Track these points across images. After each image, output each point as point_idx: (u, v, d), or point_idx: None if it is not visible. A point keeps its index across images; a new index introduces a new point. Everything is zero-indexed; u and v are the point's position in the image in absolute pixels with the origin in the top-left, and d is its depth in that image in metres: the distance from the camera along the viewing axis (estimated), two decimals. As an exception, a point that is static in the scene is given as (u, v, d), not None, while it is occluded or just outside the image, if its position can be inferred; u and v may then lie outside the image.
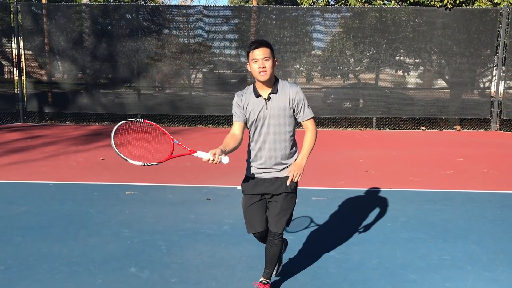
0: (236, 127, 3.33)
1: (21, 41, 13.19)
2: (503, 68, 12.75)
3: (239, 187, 3.53)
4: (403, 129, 13.27)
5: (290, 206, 3.41)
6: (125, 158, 3.24)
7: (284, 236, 3.54)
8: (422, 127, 13.38)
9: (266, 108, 3.26)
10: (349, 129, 13.27)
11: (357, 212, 5.53)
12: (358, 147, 10.22)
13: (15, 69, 13.64)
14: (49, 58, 13.65)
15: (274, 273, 3.61)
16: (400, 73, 14.09)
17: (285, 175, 3.33)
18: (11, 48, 13.67)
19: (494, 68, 13.13)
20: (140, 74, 13.47)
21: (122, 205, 5.71)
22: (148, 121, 3.48)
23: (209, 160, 3.01)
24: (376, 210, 5.61)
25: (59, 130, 12.05)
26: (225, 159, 3.06)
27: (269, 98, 3.27)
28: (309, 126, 3.40)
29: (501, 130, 13.01)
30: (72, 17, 14.01)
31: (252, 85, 3.37)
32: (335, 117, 13.65)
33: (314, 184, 6.80)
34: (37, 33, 13.57)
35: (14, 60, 13.42)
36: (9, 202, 5.75)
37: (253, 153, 3.36)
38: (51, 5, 13.75)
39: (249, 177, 3.40)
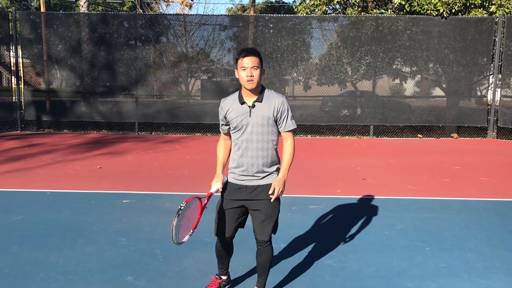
0: (225, 139, 3.52)
1: (20, 49, 13.23)
2: (499, 76, 12.82)
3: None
4: (400, 137, 13.31)
5: (275, 213, 3.40)
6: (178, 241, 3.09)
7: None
8: (419, 135, 13.43)
9: (250, 116, 3.29)
10: (347, 137, 13.30)
11: (354, 220, 5.54)
12: (355, 155, 10.24)
13: (13, 77, 13.66)
14: (47, 66, 13.70)
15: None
16: (397, 81, 14.16)
17: (266, 183, 3.35)
18: (10, 57, 13.70)
19: (491, 76, 13.20)
20: (138, 82, 13.51)
21: (119, 213, 5.71)
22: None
23: (218, 190, 3.35)
24: (373, 218, 5.62)
25: (56, 139, 12.06)
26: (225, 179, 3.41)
27: (253, 106, 3.29)
28: (288, 139, 3.40)
29: (497, 138, 13.06)
30: (71, 25, 14.07)
31: (238, 91, 3.40)
32: (332, 125, 13.69)
33: (311, 192, 6.82)
34: (36, 42, 13.62)
35: (12, 68, 13.45)
36: (6, 211, 5.75)
37: (235, 159, 3.39)
38: (49, 14, 13.82)
39: (229, 183, 3.42)
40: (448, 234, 5.11)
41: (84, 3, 15.37)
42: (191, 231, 3.18)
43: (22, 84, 13.43)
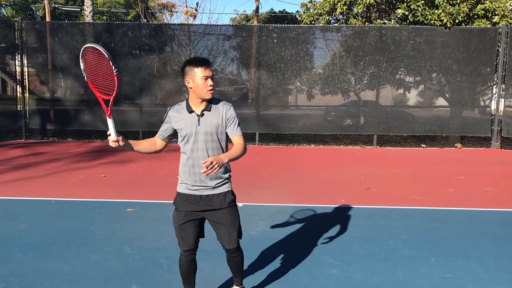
0: (158, 141, 3.48)
1: (25, 58, 13.33)
2: (503, 86, 12.83)
3: (240, 205, 3.54)
4: (404, 146, 13.30)
5: (236, 219, 3.38)
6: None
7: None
8: (422, 145, 13.41)
9: (199, 124, 3.26)
10: (350, 146, 13.30)
11: (358, 230, 5.52)
12: (359, 165, 10.23)
13: (18, 86, 13.75)
14: (52, 75, 13.79)
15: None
16: (400, 91, 14.18)
17: (219, 192, 3.33)
18: (15, 66, 13.80)
19: (494, 86, 13.21)
20: (142, 91, 13.57)
21: (124, 222, 5.71)
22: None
23: (110, 135, 3.20)
24: (377, 228, 5.61)
25: (61, 147, 12.10)
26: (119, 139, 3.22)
27: (202, 115, 3.27)
28: (237, 140, 3.34)
29: (501, 148, 13.03)
30: (75, 35, 14.17)
31: (186, 100, 3.36)
32: (336, 135, 13.70)
33: (314, 202, 6.81)
34: (41, 51, 13.72)
35: (18, 77, 13.54)
36: (11, 219, 5.76)
37: (186, 169, 3.32)
38: (55, 23, 13.92)
39: (182, 194, 3.35)
40: (453, 244, 5.09)
41: (89, 12, 15.50)
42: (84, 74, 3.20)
43: (27, 93, 13.50)
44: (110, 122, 3.20)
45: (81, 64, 3.19)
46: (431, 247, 4.96)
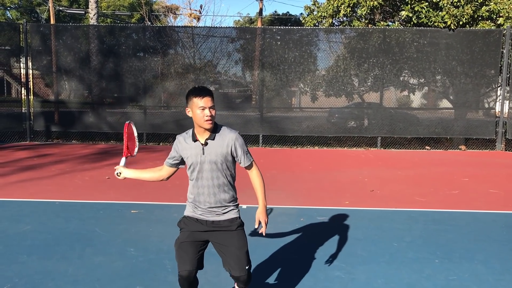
0: (165, 168, 3.51)
1: (29, 61, 13.39)
2: (507, 88, 12.79)
3: (244, 206, 3.54)
4: (408, 148, 13.27)
5: (245, 243, 3.28)
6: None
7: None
8: (427, 147, 13.38)
9: (203, 154, 3.22)
10: (354, 148, 13.28)
11: (362, 232, 5.51)
12: (363, 167, 10.22)
13: (22, 88, 13.81)
14: (56, 77, 13.84)
15: None
16: (404, 93, 14.16)
17: (226, 218, 3.27)
18: (20, 68, 13.87)
19: (499, 88, 13.17)
20: (146, 93, 13.61)
21: (128, 223, 5.73)
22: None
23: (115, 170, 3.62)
24: (381, 230, 5.60)
25: (65, 149, 12.13)
26: (123, 171, 3.73)
27: (206, 144, 3.23)
28: (252, 170, 3.36)
29: (506, 150, 12.99)
30: (80, 37, 14.24)
31: (191, 130, 3.35)
32: (339, 137, 13.68)
33: (319, 204, 6.81)
34: (45, 53, 13.78)
35: (22, 79, 13.59)
36: (16, 220, 5.78)
37: (192, 196, 3.32)
38: (59, 26, 13.98)
39: (188, 217, 3.34)
40: (457, 246, 5.08)
41: (94, 15, 15.56)
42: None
43: (32, 95, 13.56)
44: (124, 159, 3.85)
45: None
46: (435, 249, 4.95)
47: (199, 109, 3.18)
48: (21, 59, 13.65)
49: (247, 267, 3.23)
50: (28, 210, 6.27)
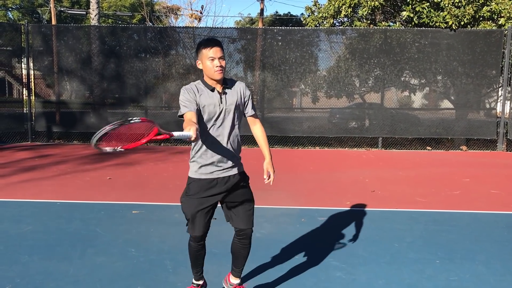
0: (192, 116, 3.05)
1: (31, 61, 13.41)
2: (509, 88, 12.79)
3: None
4: (409, 149, 13.27)
5: (252, 197, 3.44)
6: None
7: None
8: (428, 147, 13.37)
9: (221, 102, 3.24)
10: (355, 149, 13.28)
11: (363, 232, 5.51)
12: (364, 167, 10.22)
13: (24, 89, 13.83)
14: (58, 78, 13.85)
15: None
16: (405, 93, 14.16)
17: (237, 172, 3.36)
18: (21, 68, 13.89)
19: (500, 89, 13.16)
20: (148, 94, 13.62)
21: (129, 224, 5.73)
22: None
23: (191, 138, 2.75)
24: (382, 230, 5.60)
25: (66, 150, 12.15)
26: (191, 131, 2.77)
27: (224, 93, 3.27)
28: (257, 122, 3.49)
29: (507, 151, 12.98)
30: (81, 38, 14.25)
31: (199, 81, 3.31)
32: (340, 137, 13.68)
33: (319, 204, 6.81)
34: (46, 54, 13.80)
35: (24, 80, 13.62)
36: (17, 221, 5.79)
37: (203, 152, 3.29)
38: (61, 27, 13.99)
39: (196, 179, 3.32)
40: (458, 247, 5.07)
41: (95, 16, 15.57)
42: (118, 148, 2.75)
43: (33, 96, 13.58)
44: (177, 135, 2.78)
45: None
46: (436, 250, 4.95)
47: (209, 60, 3.19)
48: (22, 60, 13.68)
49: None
50: (29, 211, 6.27)
